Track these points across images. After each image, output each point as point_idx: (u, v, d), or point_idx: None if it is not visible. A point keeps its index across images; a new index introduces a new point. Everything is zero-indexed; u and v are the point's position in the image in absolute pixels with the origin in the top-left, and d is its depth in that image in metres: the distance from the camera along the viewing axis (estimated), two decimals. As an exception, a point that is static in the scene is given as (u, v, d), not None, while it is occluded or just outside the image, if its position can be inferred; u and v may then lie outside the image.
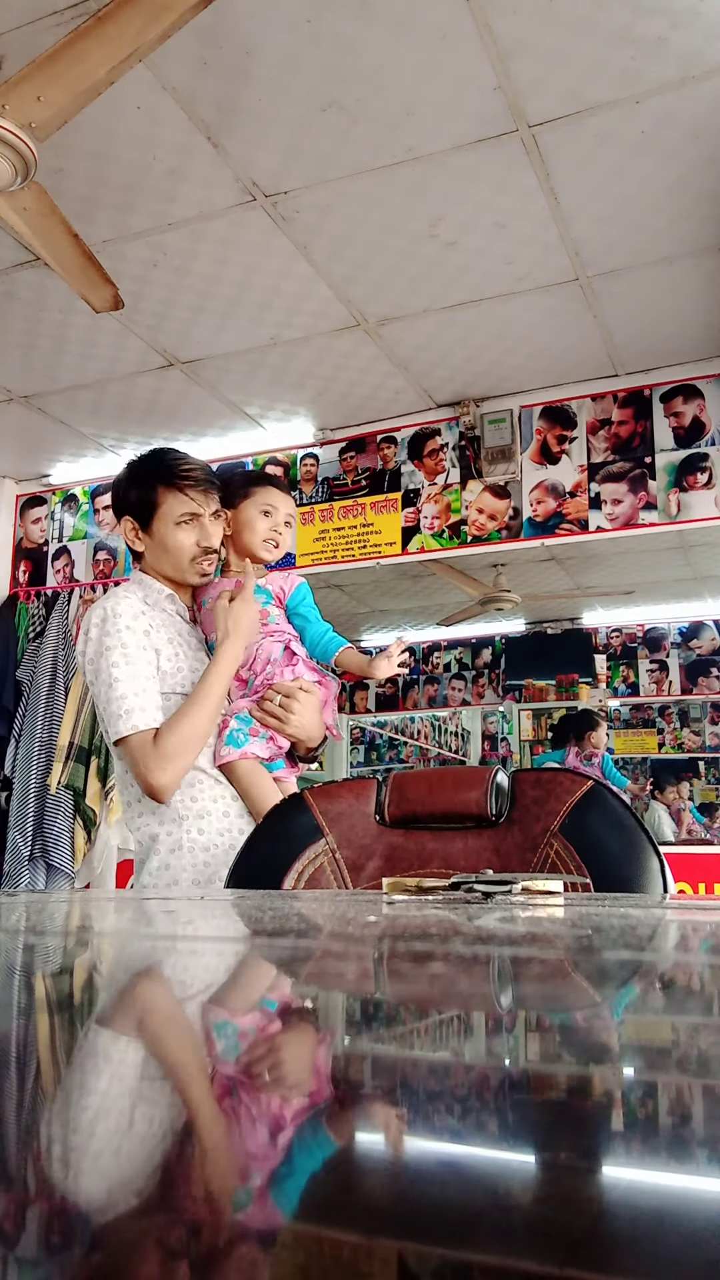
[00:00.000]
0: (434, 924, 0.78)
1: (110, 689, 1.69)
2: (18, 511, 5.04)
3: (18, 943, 0.74)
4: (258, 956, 0.67)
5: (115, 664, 1.70)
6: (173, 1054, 0.41)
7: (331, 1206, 0.23)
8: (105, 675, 1.70)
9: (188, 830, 1.73)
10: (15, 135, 2.06)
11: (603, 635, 6.92)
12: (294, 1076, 0.37)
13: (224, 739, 1.78)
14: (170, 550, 1.80)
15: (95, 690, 1.74)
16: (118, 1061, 0.39)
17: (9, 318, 3.46)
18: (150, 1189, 0.24)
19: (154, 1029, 0.45)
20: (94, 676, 1.73)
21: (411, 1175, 0.25)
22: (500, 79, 2.40)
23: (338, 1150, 0.28)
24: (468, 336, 3.58)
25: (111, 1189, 0.24)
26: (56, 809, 4.33)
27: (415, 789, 1.36)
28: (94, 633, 1.74)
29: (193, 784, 1.75)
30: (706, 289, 3.29)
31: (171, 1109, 0.32)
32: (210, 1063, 0.39)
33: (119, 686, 1.69)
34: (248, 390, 3.99)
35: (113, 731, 1.69)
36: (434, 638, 7.24)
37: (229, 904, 1.10)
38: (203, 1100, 0.33)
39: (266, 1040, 0.43)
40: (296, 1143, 0.29)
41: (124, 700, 1.68)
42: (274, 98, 2.47)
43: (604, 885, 1.17)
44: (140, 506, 1.81)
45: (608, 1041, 0.43)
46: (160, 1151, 0.27)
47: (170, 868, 1.72)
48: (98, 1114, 0.31)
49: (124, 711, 1.68)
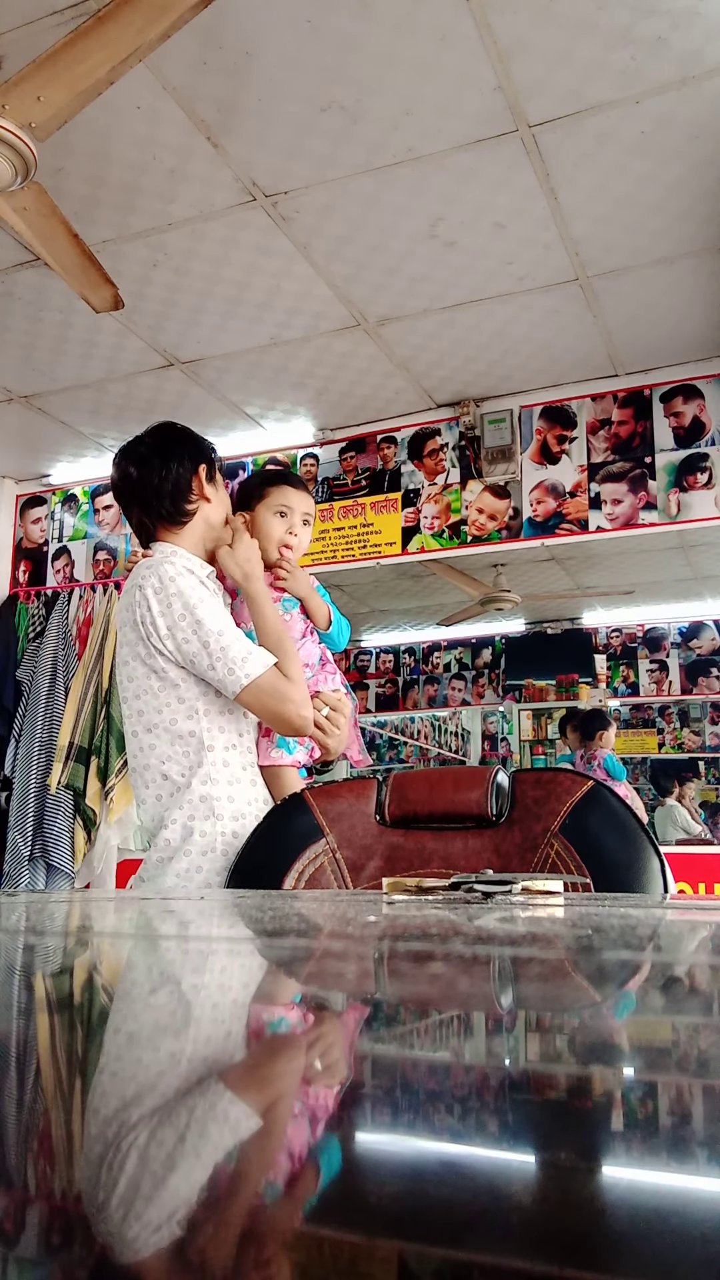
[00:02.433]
0: (434, 924, 0.78)
1: (221, 636, 1.64)
2: (18, 511, 5.04)
3: (18, 943, 0.74)
4: (258, 957, 0.67)
5: (213, 613, 1.65)
6: (172, 1054, 0.41)
7: (332, 1206, 0.23)
8: (208, 626, 1.64)
9: (223, 831, 1.66)
10: (15, 135, 2.06)
11: (603, 635, 6.91)
12: (294, 1077, 0.37)
13: (273, 741, 1.76)
14: (227, 504, 1.86)
15: (199, 641, 1.64)
16: (117, 1062, 0.39)
17: (9, 318, 3.46)
18: (150, 1189, 0.24)
19: (152, 1029, 0.45)
20: (194, 628, 1.64)
21: (411, 1175, 0.25)
22: (500, 79, 2.40)
23: (338, 1150, 0.28)
24: (468, 336, 3.58)
25: (111, 1189, 0.24)
26: (56, 809, 4.33)
27: (415, 789, 1.36)
28: (177, 584, 1.67)
29: (233, 781, 1.70)
30: (706, 289, 3.29)
31: (171, 1109, 0.32)
32: (210, 1063, 0.39)
33: (227, 634, 1.65)
34: (248, 390, 3.99)
35: (242, 676, 1.63)
36: (434, 638, 7.24)
37: (229, 904, 1.10)
38: (202, 1100, 0.33)
39: (266, 1041, 0.43)
40: (297, 1143, 0.29)
41: (239, 643, 1.64)
42: (274, 98, 2.47)
43: (604, 885, 1.17)
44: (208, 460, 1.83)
45: (607, 1042, 0.43)
46: (160, 1152, 0.27)
47: (203, 870, 1.64)
48: (97, 1114, 0.31)
49: (244, 655, 1.64)
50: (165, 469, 1.78)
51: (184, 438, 1.85)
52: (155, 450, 1.80)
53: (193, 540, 1.81)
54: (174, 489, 1.78)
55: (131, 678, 1.71)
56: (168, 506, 1.78)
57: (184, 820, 1.66)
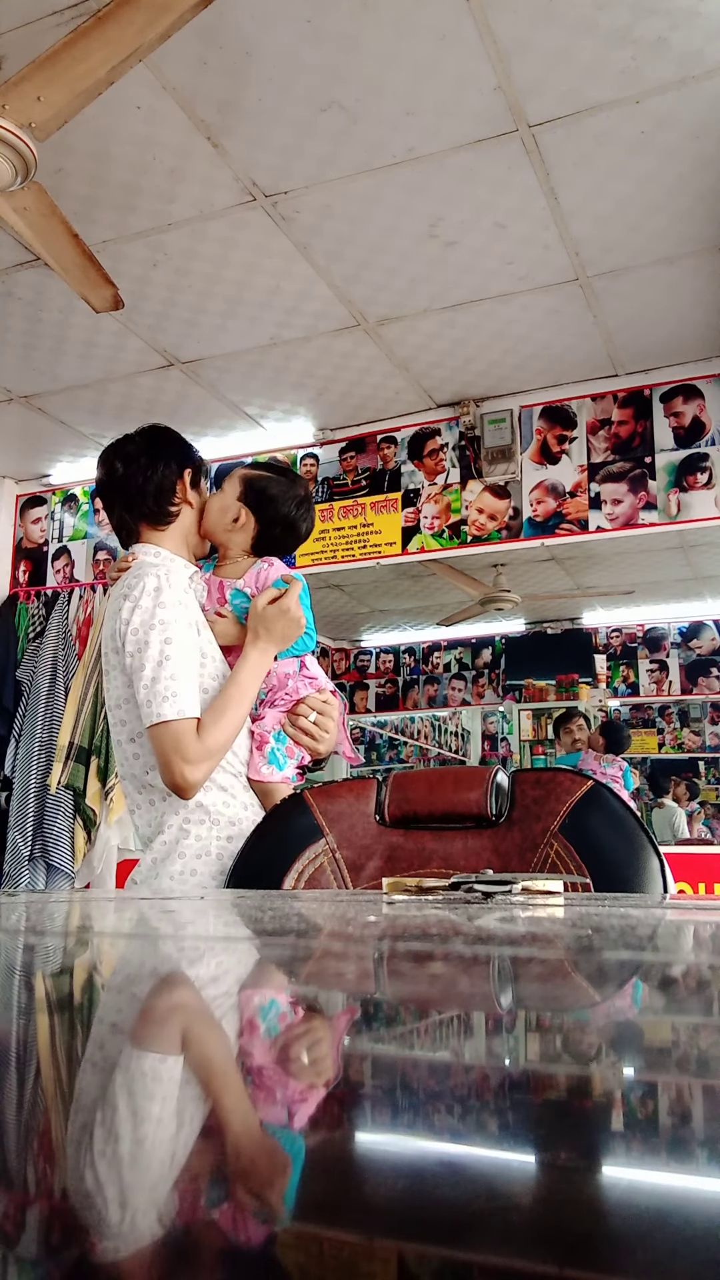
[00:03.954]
0: (434, 924, 0.78)
1: (160, 666, 1.57)
2: (18, 511, 5.04)
3: (18, 943, 0.74)
4: (257, 956, 0.67)
5: (169, 640, 1.58)
6: (171, 1054, 0.41)
7: (332, 1206, 0.23)
8: (155, 650, 1.58)
9: (217, 836, 1.65)
10: (15, 135, 2.06)
11: (603, 635, 6.92)
12: (294, 1076, 0.37)
13: (265, 756, 1.72)
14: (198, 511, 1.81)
15: (137, 661, 1.59)
16: (116, 1062, 0.39)
17: (9, 318, 3.46)
18: (149, 1189, 0.24)
19: (151, 1029, 0.45)
20: (138, 648, 1.59)
21: (411, 1175, 0.25)
22: (500, 79, 2.40)
23: (338, 1150, 0.28)
24: (468, 336, 3.58)
25: (110, 1189, 0.24)
26: (56, 809, 4.33)
27: (415, 789, 1.36)
28: (146, 601, 1.61)
29: (226, 788, 1.68)
30: (706, 289, 3.29)
31: (170, 1109, 0.32)
32: (209, 1063, 0.39)
33: (169, 665, 1.57)
34: (248, 390, 3.99)
35: (154, 713, 1.57)
36: (434, 638, 7.24)
37: (229, 904, 1.10)
38: (202, 1101, 0.33)
39: (266, 1040, 0.43)
40: (297, 1142, 0.29)
41: (173, 681, 1.57)
42: (274, 98, 2.47)
43: (604, 885, 1.17)
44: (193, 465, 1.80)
45: (607, 1041, 0.43)
46: (159, 1152, 0.27)
47: (198, 873, 1.63)
48: (97, 1114, 0.31)
49: (171, 694, 1.56)
50: (152, 468, 1.76)
51: (172, 440, 1.83)
52: (143, 449, 1.78)
53: (175, 541, 1.79)
54: (158, 489, 1.76)
55: (113, 687, 1.69)
56: (151, 505, 1.76)
57: (179, 824, 1.66)
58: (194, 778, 1.58)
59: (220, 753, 1.62)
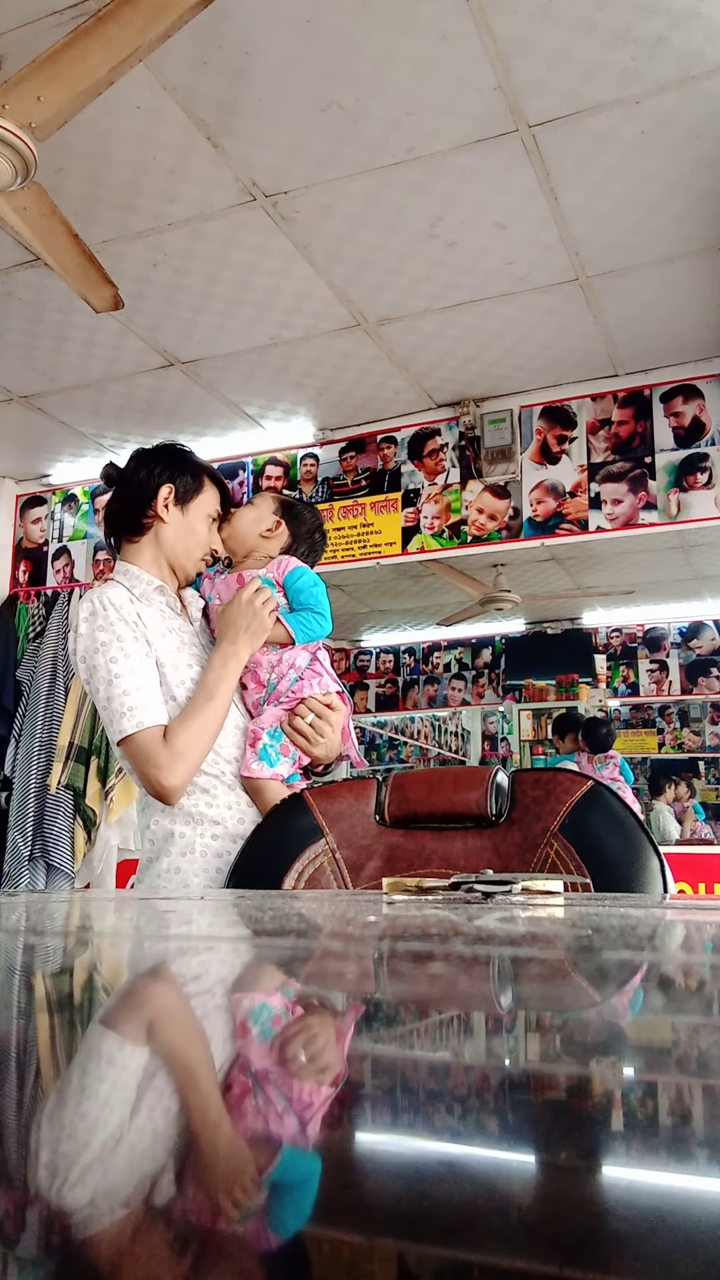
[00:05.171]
0: (434, 924, 0.78)
1: (111, 685, 1.60)
2: (18, 511, 5.04)
3: (18, 943, 0.74)
4: (257, 956, 0.67)
5: (114, 659, 1.61)
6: (171, 1054, 0.41)
7: (332, 1206, 0.23)
8: (104, 671, 1.61)
9: (201, 834, 1.67)
10: (15, 135, 2.06)
11: (603, 635, 6.91)
12: (294, 1077, 0.37)
13: (257, 752, 1.72)
14: (196, 534, 1.76)
15: (92, 687, 1.64)
16: (116, 1062, 0.39)
17: (9, 318, 3.46)
18: (150, 1189, 0.24)
19: (151, 1029, 0.45)
20: (89, 674, 1.64)
21: (411, 1175, 0.25)
22: (500, 79, 2.40)
23: (338, 1150, 0.28)
24: (468, 336, 3.58)
25: (110, 1190, 0.24)
26: (56, 809, 4.33)
27: (415, 789, 1.36)
28: (84, 627, 1.64)
29: (208, 789, 1.69)
30: (706, 289, 3.29)
31: (171, 1110, 0.32)
32: (209, 1063, 0.39)
33: (120, 682, 1.60)
34: (248, 390, 3.99)
35: (116, 730, 1.60)
36: (434, 638, 7.24)
37: (229, 904, 1.10)
38: (202, 1101, 0.33)
39: (266, 1041, 0.43)
40: (296, 1143, 0.29)
41: (127, 697, 1.59)
42: (274, 98, 2.47)
43: (604, 885, 1.17)
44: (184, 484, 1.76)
45: (607, 1041, 0.43)
46: (159, 1152, 0.27)
47: (181, 871, 1.65)
48: (97, 1115, 0.31)
49: (128, 709, 1.59)
50: (136, 473, 1.76)
51: (173, 454, 1.79)
52: (141, 456, 1.79)
53: (147, 558, 1.75)
54: (135, 494, 1.74)
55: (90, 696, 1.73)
56: (123, 511, 1.76)
57: (165, 823, 1.69)
58: (171, 782, 1.60)
59: (194, 754, 1.62)
